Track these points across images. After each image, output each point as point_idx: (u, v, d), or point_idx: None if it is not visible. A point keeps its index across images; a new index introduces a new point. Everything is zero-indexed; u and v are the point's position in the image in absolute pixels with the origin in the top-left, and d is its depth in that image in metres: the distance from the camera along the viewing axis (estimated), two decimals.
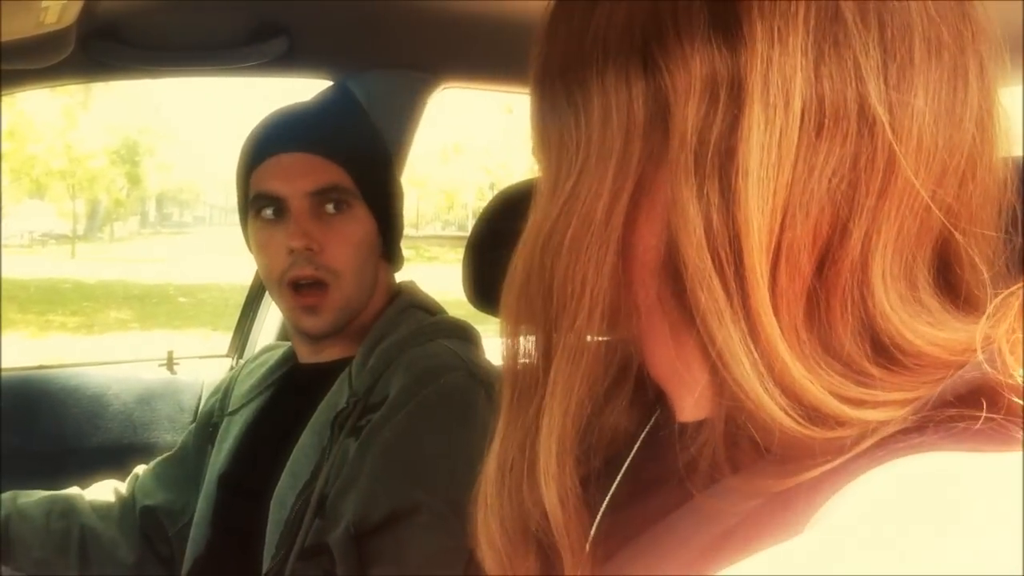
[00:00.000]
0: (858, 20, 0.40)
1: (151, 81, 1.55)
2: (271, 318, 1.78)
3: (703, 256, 0.40)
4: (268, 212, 1.13)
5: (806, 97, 0.40)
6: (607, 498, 0.51)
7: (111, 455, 1.59)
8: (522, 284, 0.47)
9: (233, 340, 1.87)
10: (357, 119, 1.21)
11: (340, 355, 1.17)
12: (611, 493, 0.52)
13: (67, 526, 1.20)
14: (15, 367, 1.81)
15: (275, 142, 1.14)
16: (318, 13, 1.31)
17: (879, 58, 0.40)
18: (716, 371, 0.40)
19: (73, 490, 1.26)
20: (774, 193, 0.39)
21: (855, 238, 0.40)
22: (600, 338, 0.46)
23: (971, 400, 0.37)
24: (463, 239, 1.15)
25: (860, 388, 0.39)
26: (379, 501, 0.99)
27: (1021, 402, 0.36)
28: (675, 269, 0.43)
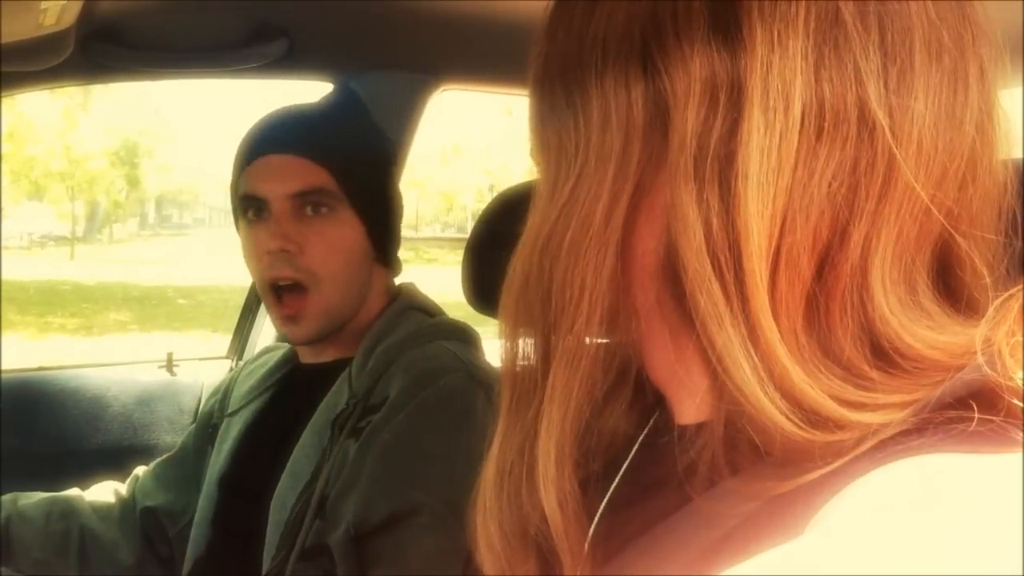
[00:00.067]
0: (858, 23, 0.40)
1: (151, 83, 1.55)
2: (270, 320, 1.78)
3: (703, 260, 0.40)
4: (251, 213, 1.13)
5: (806, 101, 0.40)
6: (605, 500, 0.51)
7: (111, 457, 1.59)
8: (521, 287, 0.47)
9: (233, 342, 1.87)
10: (351, 122, 1.20)
11: (340, 355, 1.17)
12: (609, 495, 0.52)
13: (67, 527, 1.20)
14: (14, 369, 1.81)
15: (263, 144, 1.14)
16: (318, 15, 1.31)
17: (879, 61, 0.40)
18: (716, 375, 0.40)
19: (73, 491, 1.26)
20: (774, 197, 0.39)
21: (855, 242, 0.40)
22: (599, 341, 0.46)
23: (971, 402, 0.37)
24: (462, 241, 1.15)
25: (860, 391, 0.39)
26: (379, 503, 0.99)
27: (1021, 404, 0.37)
28: (674, 272, 0.42)
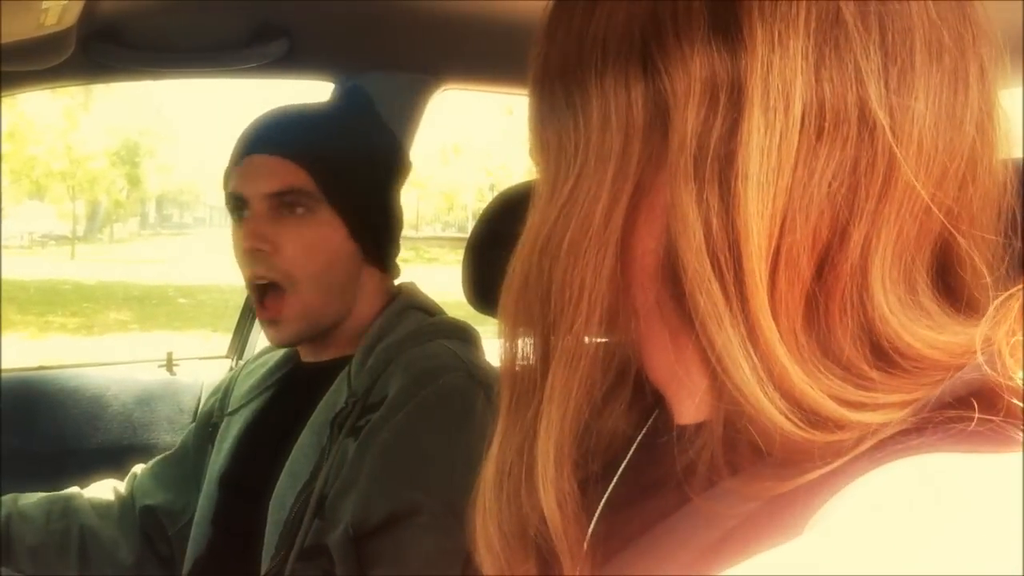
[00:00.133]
0: (859, 23, 0.40)
1: (152, 83, 1.55)
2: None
3: (702, 261, 0.40)
4: (237, 212, 1.14)
5: (806, 101, 0.40)
6: (603, 500, 0.51)
7: (110, 456, 1.59)
8: (520, 287, 0.47)
9: (233, 341, 1.87)
10: (338, 122, 1.18)
11: (340, 354, 1.16)
12: (607, 495, 0.51)
13: (67, 526, 1.20)
14: (15, 368, 1.81)
15: (250, 144, 1.14)
16: (318, 15, 1.31)
17: (880, 61, 0.40)
18: (715, 375, 0.40)
19: (73, 490, 1.26)
20: (774, 197, 0.39)
21: (854, 242, 0.40)
22: (598, 341, 0.46)
23: (970, 402, 0.37)
24: (463, 240, 1.15)
25: (859, 391, 0.39)
26: (378, 503, 0.99)
27: (1020, 404, 0.36)
28: (674, 273, 0.42)
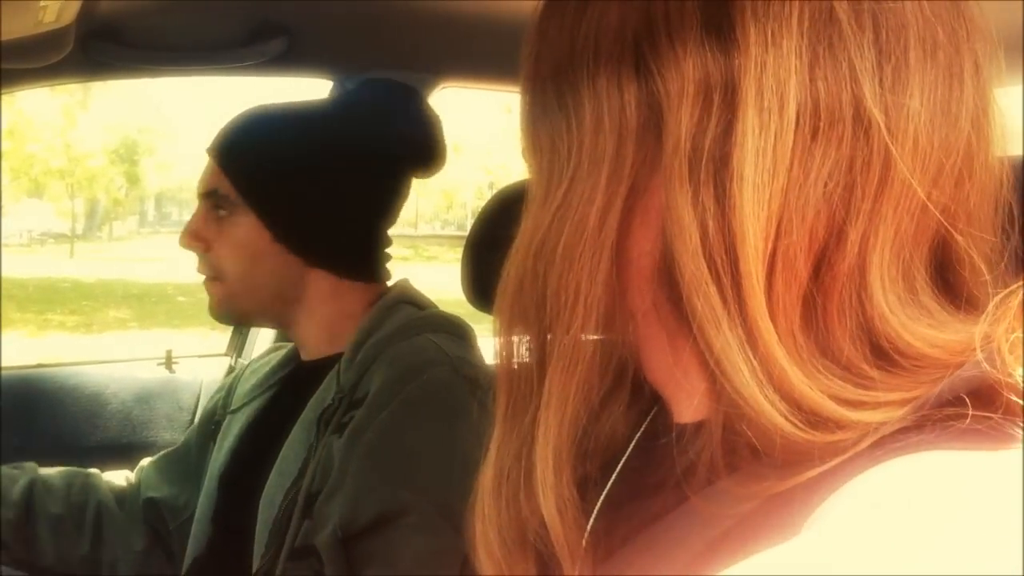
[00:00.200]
0: (852, 21, 0.40)
1: (150, 80, 1.55)
2: None
3: (699, 263, 0.40)
4: None
5: (801, 100, 0.39)
6: (600, 500, 0.51)
7: (110, 454, 1.59)
8: (515, 292, 0.47)
9: (232, 339, 1.87)
10: (271, 124, 1.16)
11: (337, 351, 1.15)
12: (605, 495, 0.51)
13: (85, 500, 1.23)
14: (14, 366, 1.81)
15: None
16: (317, 13, 1.31)
17: (874, 59, 0.40)
18: (714, 377, 0.40)
19: (92, 470, 1.28)
20: (769, 199, 0.39)
21: (851, 241, 0.40)
22: (595, 346, 0.46)
23: (970, 399, 0.37)
24: (462, 238, 1.15)
25: (859, 390, 0.38)
26: (366, 503, 0.98)
27: (1019, 401, 0.36)
28: (670, 275, 0.42)
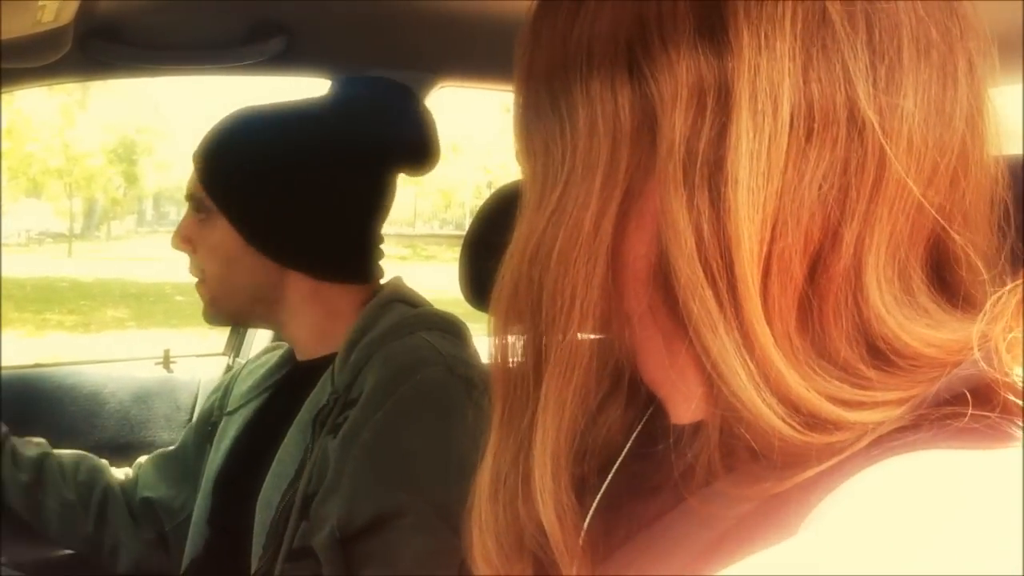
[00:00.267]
0: (846, 22, 0.40)
1: (149, 80, 1.55)
2: None
3: (695, 267, 0.40)
4: None
5: (795, 103, 0.39)
6: (596, 500, 0.51)
7: (108, 453, 1.58)
8: (510, 296, 0.47)
9: (229, 339, 1.87)
10: (246, 129, 1.16)
11: (331, 351, 1.14)
12: (601, 496, 0.51)
13: (93, 481, 1.26)
14: (12, 365, 1.81)
15: None
16: (316, 12, 1.30)
17: (867, 60, 0.40)
18: (711, 381, 0.40)
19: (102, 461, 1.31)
20: (764, 202, 0.39)
21: (847, 242, 0.40)
22: (592, 351, 0.46)
23: (967, 398, 0.37)
24: (460, 238, 1.15)
25: (857, 390, 0.38)
26: (362, 504, 0.98)
27: (1017, 400, 0.36)
28: (666, 279, 0.42)
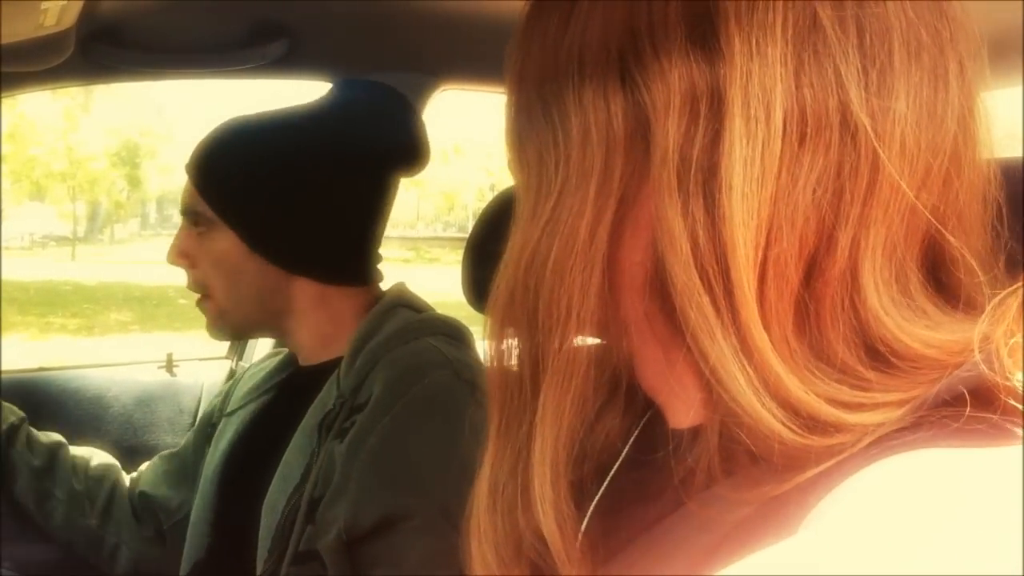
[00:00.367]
0: (836, 27, 0.40)
1: (152, 83, 1.55)
2: None
3: (691, 274, 0.40)
4: None
5: (787, 108, 0.39)
6: (594, 502, 0.51)
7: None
8: (506, 305, 0.47)
9: (232, 342, 1.87)
10: (243, 137, 1.15)
11: (335, 356, 1.15)
12: (599, 499, 0.51)
13: (103, 476, 1.27)
14: (15, 369, 1.81)
15: None
16: (318, 15, 1.31)
17: (859, 64, 0.40)
18: (710, 386, 0.40)
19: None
20: (759, 207, 0.39)
21: (842, 246, 0.40)
22: (589, 361, 0.45)
23: (968, 399, 0.37)
24: (463, 240, 1.15)
25: (856, 392, 0.38)
26: (369, 508, 0.98)
27: (1017, 404, 0.36)
28: (662, 286, 0.42)
